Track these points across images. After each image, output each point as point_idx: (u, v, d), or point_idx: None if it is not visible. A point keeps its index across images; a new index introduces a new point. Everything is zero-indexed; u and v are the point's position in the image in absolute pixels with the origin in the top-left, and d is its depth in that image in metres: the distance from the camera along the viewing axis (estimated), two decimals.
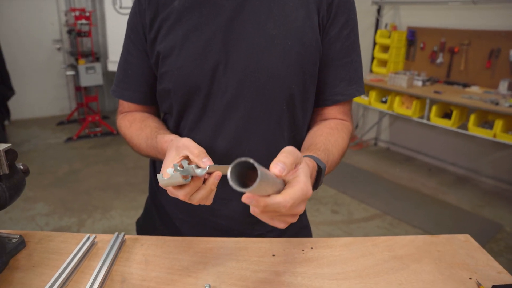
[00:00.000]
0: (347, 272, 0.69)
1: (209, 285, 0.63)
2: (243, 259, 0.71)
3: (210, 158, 0.59)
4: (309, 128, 0.87)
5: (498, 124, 2.97)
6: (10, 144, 0.69)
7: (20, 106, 5.20)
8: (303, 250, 0.75)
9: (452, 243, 0.80)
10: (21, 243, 0.73)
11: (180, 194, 0.58)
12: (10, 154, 0.70)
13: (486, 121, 3.26)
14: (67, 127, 5.10)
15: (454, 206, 3.23)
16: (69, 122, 5.24)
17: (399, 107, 3.66)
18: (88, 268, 0.68)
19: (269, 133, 0.79)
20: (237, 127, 0.78)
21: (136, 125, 0.84)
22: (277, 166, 0.49)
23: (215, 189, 0.62)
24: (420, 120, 3.55)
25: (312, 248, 0.76)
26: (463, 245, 0.80)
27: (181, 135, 0.82)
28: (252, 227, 0.87)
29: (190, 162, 0.59)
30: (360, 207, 3.15)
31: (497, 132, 2.98)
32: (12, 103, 4.46)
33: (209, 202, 0.62)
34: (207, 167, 0.56)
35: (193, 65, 0.75)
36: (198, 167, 0.57)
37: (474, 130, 3.13)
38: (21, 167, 0.78)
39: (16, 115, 5.16)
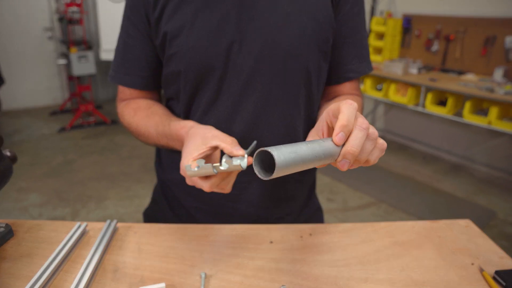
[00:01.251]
0: (347, 258, 0.67)
1: (205, 274, 0.61)
2: (239, 247, 0.69)
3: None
4: (319, 106, 0.86)
5: (493, 111, 2.96)
6: None
7: (11, 96, 5.11)
8: (301, 237, 0.73)
9: (453, 229, 0.78)
10: (9, 232, 0.70)
11: (206, 185, 0.56)
12: None
13: (481, 108, 3.25)
14: (60, 117, 5.02)
15: (448, 193, 3.24)
16: (62, 112, 5.16)
17: (394, 94, 3.64)
18: (79, 257, 0.65)
19: (287, 113, 0.77)
20: (255, 108, 0.75)
21: (142, 112, 0.80)
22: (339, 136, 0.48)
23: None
24: (415, 108, 3.53)
25: (310, 234, 0.74)
26: (464, 230, 0.78)
27: (193, 120, 0.79)
28: (271, 211, 0.85)
29: (210, 157, 0.58)
30: (356, 195, 3.15)
31: (492, 120, 2.98)
32: (2, 93, 4.39)
33: (229, 190, 0.60)
34: (246, 156, 0.55)
35: (206, 44, 0.71)
36: (229, 157, 0.55)
37: (469, 117, 3.12)
38: (8, 153, 0.75)
39: (7, 106, 5.08)
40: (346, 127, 0.47)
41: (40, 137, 4.31)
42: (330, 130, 0.53)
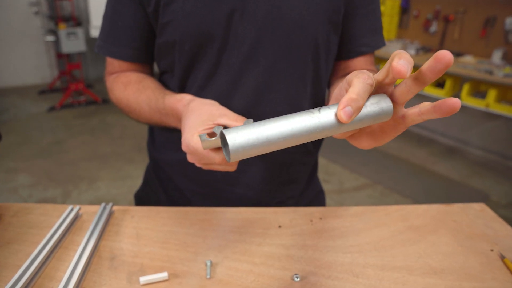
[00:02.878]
0: (361, 244, 0.63)
1: (211, 261, 0.56)
2: (246, 231, 0.65)
3: None
4: (329, 84, 0.80)
5: (492, 93, 2.93)
6: None
7: None
8: (311, 221, 0.68)
9: (468, 213, 0.75)
10: None
11: (219, 158, 0.50)
12: None
13: (478, 91, 3.22)
14: (50, 96, 4.89)
15: (443, 176, 3.24)
16: (51, 91, 5.02)
17: None
18: (72, 244, 0.60)
19: (293, 90, 0.71)
20: (257, 83, 0.69)
21: (133, 87, 0.73)
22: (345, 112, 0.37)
23: None
24: None
25: (320, 218, 0.69)
26: (479, 214, 0.75)
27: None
28: (272, 194, 0.80)
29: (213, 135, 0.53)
30: (351, 177, 3.13)
31: (490, 102, 2.95)
32: None
33: (235, 168, 0.55)
34: None
35: (204, 12, 0.64)
36: None
37: (467, 99, 3.09)
38: None
39: None
40: (355, 102, 0.37)
41: (28, 117, 4.20)
42: None
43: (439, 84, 3.39)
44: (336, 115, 0.38)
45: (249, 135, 0.37)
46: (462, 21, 3.57)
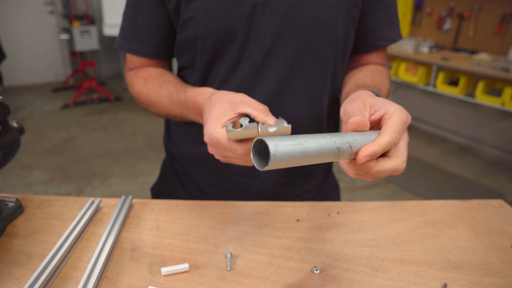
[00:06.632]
0: (379, 238, 0.63)
1: (231, 254, 0.56)
2: (264, 225, 0.65)
3: None
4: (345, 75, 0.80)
5: (508, 91, 2.88)
6: (0, 97, 0.61)
7: (12, 72, 5.03)
8: (329, 215, 0.69)
9: (486, 209, 0.74)
10: (19, 208, 0.66)
11: (242, 149, 0.50)
12: (2, 109, 0.62)
13: (493, 89, 3.17)
14: (63, 93, 4.96)
15: (455, 174, 3.20)
16: (65, 89, 5.09)
17: (404, 73, 3.56)
18: (94, 235, 0.61)
19: (312, 84, 0.72)
20: (278, 77, 0.69)
21: (153, 81, 0.74)
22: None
23: None
24: (426, 88, 3.45)
25: (338, 212, 0.69)
26: (498, 211, 0.74)
27: None
28: (289, 187, 0.81)
29: (235, 124, 0.53)
30: None
31: (506, 100, 2.90)
32: (3, 69, 4.31)
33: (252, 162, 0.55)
34: (277, 126, 0.49)
35: (226, 7, 0.65)
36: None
37: (481, 98, 3.05)
38: (15, 124, 0.70)
39: (8, 82, 5.01)
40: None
41: (42, 114, 4.26)
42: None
43: (453, 82, 3.35)
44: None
45: (288, 146, 0.38)
46: (477, 18, 3.51)
